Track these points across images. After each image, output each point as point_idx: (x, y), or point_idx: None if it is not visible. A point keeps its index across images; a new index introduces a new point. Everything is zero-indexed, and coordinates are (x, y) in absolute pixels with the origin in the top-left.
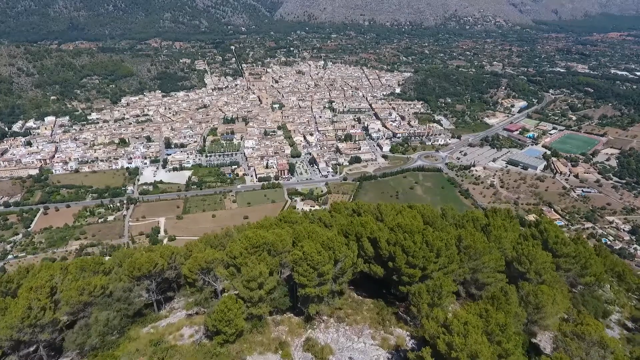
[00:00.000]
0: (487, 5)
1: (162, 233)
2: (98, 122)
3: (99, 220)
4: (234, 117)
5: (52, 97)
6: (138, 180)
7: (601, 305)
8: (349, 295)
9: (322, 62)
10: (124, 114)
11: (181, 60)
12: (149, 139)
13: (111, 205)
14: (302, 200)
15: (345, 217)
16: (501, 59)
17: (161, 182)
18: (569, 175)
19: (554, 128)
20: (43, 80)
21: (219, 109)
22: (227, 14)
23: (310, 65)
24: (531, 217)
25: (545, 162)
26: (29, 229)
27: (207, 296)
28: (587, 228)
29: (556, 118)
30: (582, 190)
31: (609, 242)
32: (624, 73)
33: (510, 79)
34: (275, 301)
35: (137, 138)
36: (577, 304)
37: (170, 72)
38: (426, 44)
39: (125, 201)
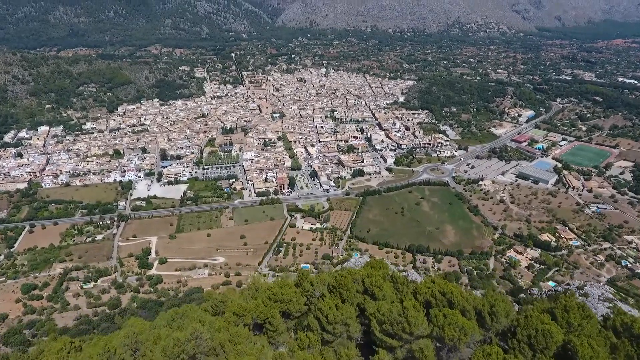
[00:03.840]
0: (490, 12)
1: (152, 255)
2: (93, 132)
3: (87, 240)
4: (232, 127)
5: (47, 106)
6: (131, 195)
7: None
8: None
9: (324, 69)
10: (120, 124)
11: (180, 68)
12: (144, 150)
13: (101, 223)
14: (303, 217)
15: (353, 296)
16: (506, 66)
17: (155, 197)
18: (582, 190)
19: (563, 139)
20: (38, 88)
21: (218, 119)
22: (228, 20)
23: (311, 73)
24: (545, 237)
25: (556, 176)
26: (12, 250)
27: None
28: (605, 249)
29: (565, 128)
30: (597, 207)
31: (629, 265)
32: (632, 81)
33: (516, 88)
34: None
35: (132, 149)
36: None
37: (169, 80)
38: (429, 51)
39: (115, 218)
